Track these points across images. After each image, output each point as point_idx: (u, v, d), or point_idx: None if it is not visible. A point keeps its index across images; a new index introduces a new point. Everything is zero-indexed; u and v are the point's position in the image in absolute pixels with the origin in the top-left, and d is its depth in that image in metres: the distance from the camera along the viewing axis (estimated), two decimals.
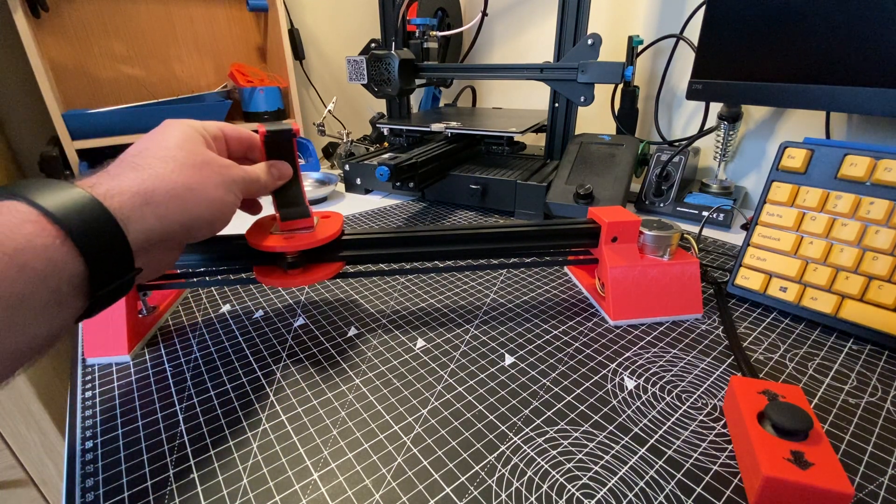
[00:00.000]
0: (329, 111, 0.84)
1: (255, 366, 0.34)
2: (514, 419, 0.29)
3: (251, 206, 0.36)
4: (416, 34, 0.77)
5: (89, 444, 0.27)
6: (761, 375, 0.32)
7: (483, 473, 0.25)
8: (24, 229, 0.19)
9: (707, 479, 0.25)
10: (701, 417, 0.29)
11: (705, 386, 0.32)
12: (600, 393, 0.31)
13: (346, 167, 0.75)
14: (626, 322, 0.38)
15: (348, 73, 0.70)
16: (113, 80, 0.75)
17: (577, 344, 0.36)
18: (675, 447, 0.27)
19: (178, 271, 0.41)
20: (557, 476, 0.25)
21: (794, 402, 0.25)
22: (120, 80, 0.76)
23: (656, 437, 0.27)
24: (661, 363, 0.34)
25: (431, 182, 0.65)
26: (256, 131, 0.32)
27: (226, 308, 0.42)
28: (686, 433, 0.28)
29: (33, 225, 0.19)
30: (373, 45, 0.76)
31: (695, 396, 0.31)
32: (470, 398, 0.31)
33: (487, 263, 0.43)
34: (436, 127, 0.72)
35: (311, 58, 0.97)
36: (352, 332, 0.38)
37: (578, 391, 0.31)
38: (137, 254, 0.23)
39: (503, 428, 0.28)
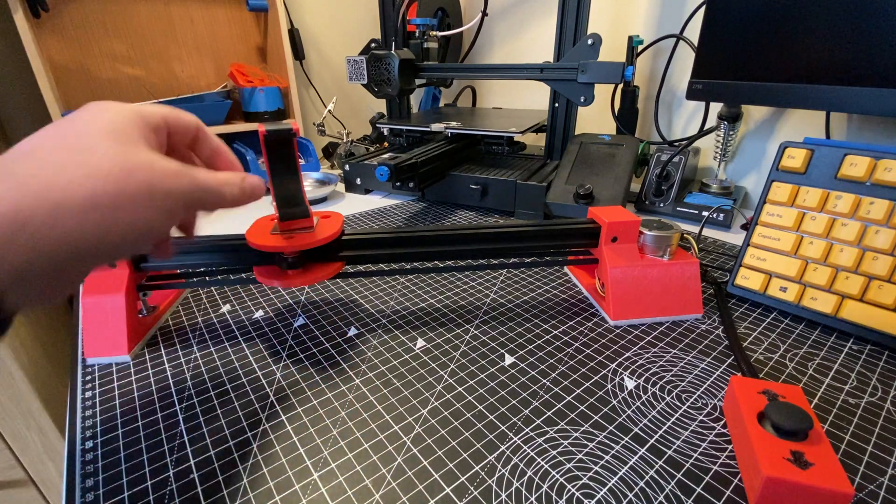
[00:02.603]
0: (329, 111, 0.84)
1: (255, 366, 0.34)
2: (514, 419, 0.29)
3: (187, 227, 0.28)
4: (416, 34, 0.77)
5: (89, 444, 0.27)
6: (761, 375, 0.32)
7: (483, 473, 0.25)
8: None
9: (707, 479, 0.25)
10: (701, 417, 0.29)
11: (705, 386, 0.32)
12: (600, 393, 0.31)
13: (346, 167, 0.75)
14: (626, 322, 0.38)
15: (348, 73, 0.70)
16: (113, 80, 0.75)
17: (577, 344, 0.36)
18: (675, 447, 0.27)
19: (178, 271, 0.41)
20: (557, 476, 0.25)
21: (794, 402, 0.25)
22: (120, 80, 0.76)
23: (656, 437, 0.27)
24: (661, 363, 0.34)
25: (431, 182, 0.65)
26: (257, 131, 0.32)
27: (226, 308, 0.42)
28: (686, 433, 0.28)
29: None
30: (373, 45, 0.76)
31: (695, 396, 0.31)
32: (470, 398, 0.31)
33: (487, 263, 0.43)
34: (436, 127, 0.72)
35: (311, 58, 0.97)
36: (352, 332, 0.38)
37: (578, 391, 0.31)
38: (5, 292, 0.17)
39: (503, 428, 0.28)
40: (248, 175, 0.26)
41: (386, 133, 0.84)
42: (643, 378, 0.32)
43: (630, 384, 0.32)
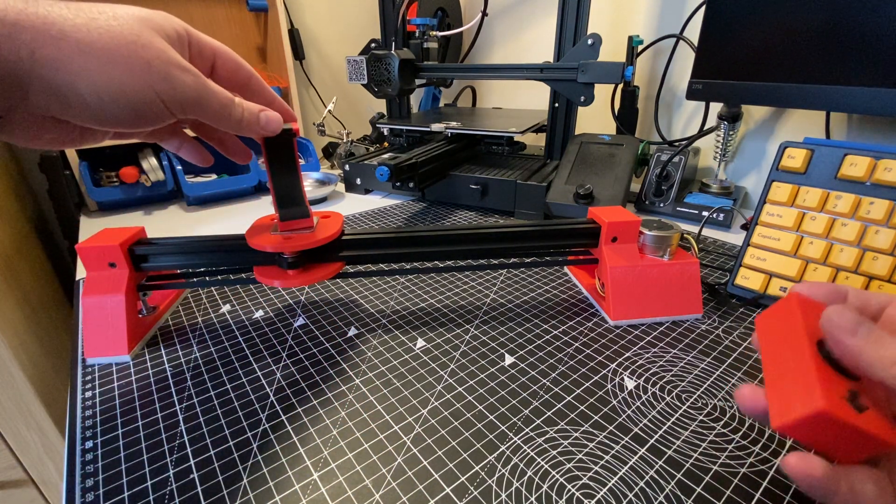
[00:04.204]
0: (329, 111, 0.84)
1: (255, 366, 0.34)
2: (514, 419, 0.29)
3: (199, 153, 0.32)
4: (416, 34, 0.77)
5: (89, 444, 0.27)
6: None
7: (483, 473, 0.25)
8: None
9: (707, 479, 0.25)
10: (701, 417, 0.29)
11: (705, 386, 0.32)
12: (600, 393, 0.31)
13: (346, 167, 0.75)
14: (626, 322, 0.38)
15: (348, 73, 0.70)
16: None
17: (577, 344, 0.36)
18: (675, 447, 0.27)
19: (178, 271, 0.41)
20: (557, 476, 0.25)
21: None
22: None
23: (656, 437, 0.27)
24: (661, 363, 0.34)
25: (431, 182, 0.65)
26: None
27: (226, 308, 0.42)
28: (686, 433, 0.28)
29: None
30: (373, 45, 0.76)
31: (695, 396, 0.31)
32: (470, 398, 0.31)
33: (487, 263, 0.43)
34: (436, 127, 0.72)
35: (311, 58, 0.97)
36: (352, 332, 0.38)
37: (578, 391, 0.31)
38: None
39: (503, 428, 0.28)
40: (268, 109, 0.29)
41: (386, 133, 0.84)
42: (643, 378, 0.32)
43: (630, 384, 0.32)
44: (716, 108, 0.66)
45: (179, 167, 0.68)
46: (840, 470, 0.20)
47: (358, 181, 0.75)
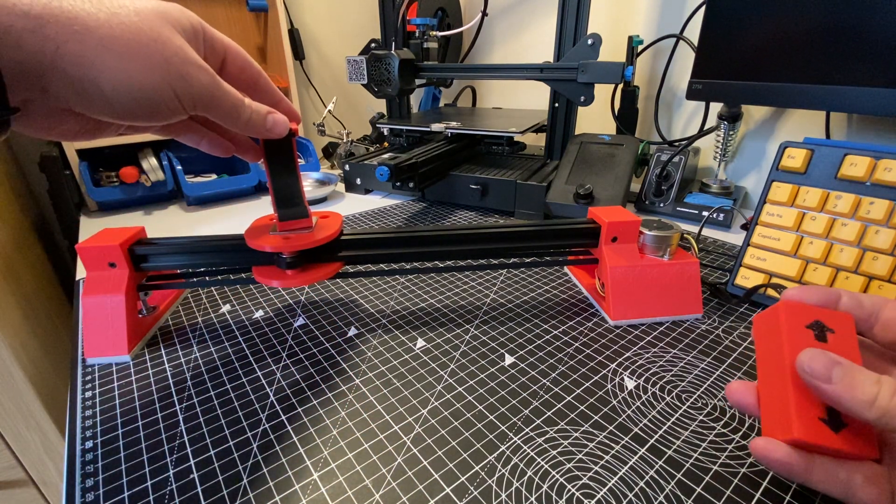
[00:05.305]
0: (329, 111, 0.84)
1: (255, 366, 0.34)
2: (514, 419, 0.29)
3: (221, 145, 0.31)
4: (416, 34, 0.77)
5: (89, 444, 0.27)
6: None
7: (483, 473, 0.25)
8: None
9: (707, 479, 0.25)
10: (701, 417, 0.29)
11: (705, 386, 0.32)
12: (600, 393, 0.31)
13: (346, 167, 0.75)
14: (626, 322, 0.38)
15: (348, 73, 0.70)
16: None
17: (577, 344, 0.36)
18: (675, 447, 0.27)
19: (178, 271, 0.41)
20: (557, 476, 0.25)
21: (843, 338, 0.22)
22: None
23: (656, 437, 0.27)
24: (661, 363, 0.34)
25: (431, 182, 0.65)
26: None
27: (226, 308, 0.42)
28: (686, 433, 0.28)
29: None
30: (373, 45, 0.76)
31: (695, 396, 0.31)
32: (470, 398, 0.31)
33: (487, 263, 0.43)
34: (436, 127, 0.72)
35: (311, 58, 0.97)
36: (352, 332, 0.38)
37: (578, 391, 0.31)
38: (12, 88, 0.19)
39: (503, 428, 0.28)
40: (276, 112, 0.29)
41: (386, 133, 0.84)
42: (643, 378, 0.32)
43: (630, 384, 0.32)
44: (716, 108, 0.66)
45: (179, 167, 0.68)
46: (818, 458, 0.21)
47: (358, 181, 0.75)
